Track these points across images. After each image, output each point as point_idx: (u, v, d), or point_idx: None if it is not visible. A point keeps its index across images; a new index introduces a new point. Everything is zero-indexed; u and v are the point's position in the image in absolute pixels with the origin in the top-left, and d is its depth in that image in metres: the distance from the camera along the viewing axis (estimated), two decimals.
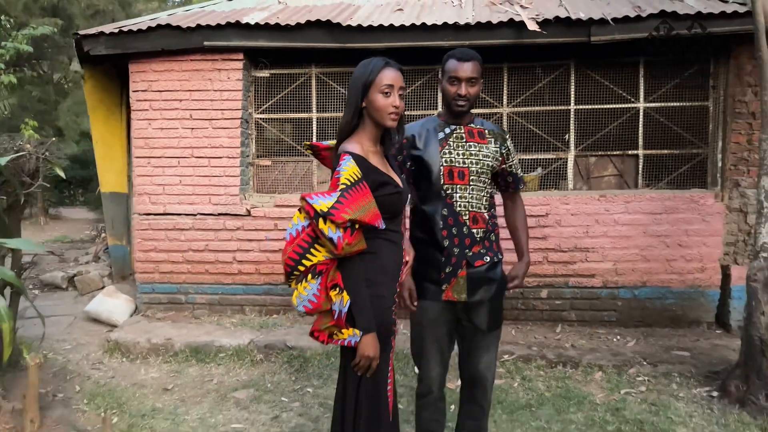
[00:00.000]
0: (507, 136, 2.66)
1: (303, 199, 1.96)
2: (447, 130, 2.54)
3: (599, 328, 4.85)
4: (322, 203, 1.91)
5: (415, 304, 2.47)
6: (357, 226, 1.94)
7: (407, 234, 2.48)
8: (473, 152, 2.52)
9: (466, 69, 2.44)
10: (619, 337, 4.67)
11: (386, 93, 2.08)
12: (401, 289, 2.39)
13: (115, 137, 6.44)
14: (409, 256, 2.28)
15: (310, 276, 1.98)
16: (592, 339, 4.63)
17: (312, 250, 1.95)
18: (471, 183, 2.50)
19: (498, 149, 2.58)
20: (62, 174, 3.65)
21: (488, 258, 2.51)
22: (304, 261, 1.96)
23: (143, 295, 5.35)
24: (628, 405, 3.56)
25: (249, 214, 5.18)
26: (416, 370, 2.66)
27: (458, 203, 2.49)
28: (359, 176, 1.97)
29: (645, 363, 4.12)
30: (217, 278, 5.25)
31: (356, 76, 2.12)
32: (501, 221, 2.65)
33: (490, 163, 2.55)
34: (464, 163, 2.50)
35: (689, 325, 4.86)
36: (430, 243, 2.48)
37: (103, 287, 6.43)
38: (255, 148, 5.39)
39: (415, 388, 2.71)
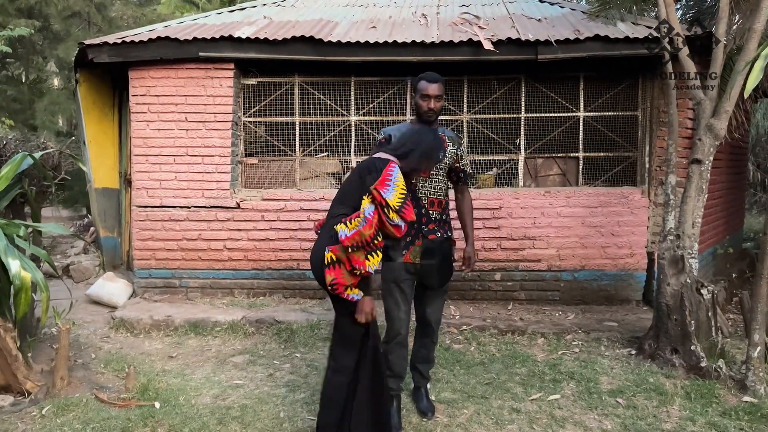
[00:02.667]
0: (462, 142, 3.49)
1: (376, 190, 2.63)
2: None
3: (544, 306, 5.63)
4: (393, 199, 2.62)
5: None
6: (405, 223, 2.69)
7: None
8: None
9: (434, 89, 3.24)
10: (561, 312, 5.44)
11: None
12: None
13: (108, 137, 6.94)
14: None
15: (378, 251, 2.66)
16: (537, 314, 5.40)
17: (380, 232, 2.66)
18: (431, 176, 3.30)
19: (455, 151, 3.38)
20: (84, 168, 4.22)
21: (440, 234, 3.32)
22: (376, 240, 2.63)
23: (140, 279, 5.91)
24: (564, 362, 4.32)
25: (238, 206, 5.79)
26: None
27: (420, 191, 3.28)
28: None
29: (580, 331, 4.91)
30: (209, 264, 5.85)
31: None
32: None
33: (448, 162, 3.35)
34: None
35: (620, 302, 5.67)
36: None
37: (96, 275, 6.95)
38: (243, 148, 6.02)
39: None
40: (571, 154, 5.87)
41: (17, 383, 3.79)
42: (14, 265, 3.47)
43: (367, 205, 2.65)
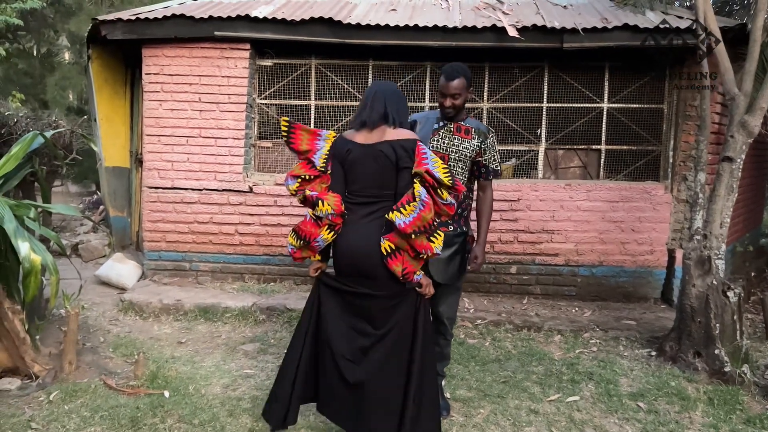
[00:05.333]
0: (490, 136, 3.30)
1: (428, 172, 2.57)
2: (441, 124, 3.27)
3: (560, 301, 5.51)
4: (444, 177, 2.56)
5: None
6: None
7: None
8: (456, 143, 3.23)
9: (451, 87, 3.14)
10: (577, 308, 5.33)
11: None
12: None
13: (119, 115, 6.83)
14: None
15: (439, 231, 2.67)
16: (553, 309, 5.29)
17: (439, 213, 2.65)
18: (449, 166, 3.15)
19: (478, 145, 3.26)
20: (95, 148, 4.12)
21: (452, 228, 3.22)
22: (435, 222, 2.63)
23: (150, 261, 5.83)
24: (581, 361, 4.21)
25: (251, 190, 5.69)
26: None
27: None
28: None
29: (598, 329, 4.80)
30: (219, 248, 5.76)
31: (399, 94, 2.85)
32: None
33: (468, 154, 3.24)
34: (446, 150, 3.23)
35: (638, 300, 5.55)
36: None
37: (105, 255, 6.88)
38: (257, 131, 5.89)
39: None
40: (593, 147, 5.71)
41: (25, 366, 3.74)
42: (24, 248, 3.37)
43: (420, 189, 2.58)
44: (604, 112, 5.63)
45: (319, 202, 2.69)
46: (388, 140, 2.68)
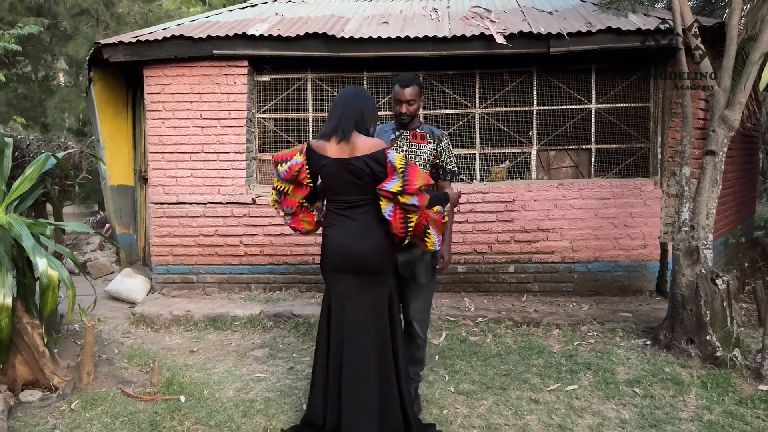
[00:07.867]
0: (444, 139, 3.45)
1: (379, 190, 2.79)
2: (397, 133, 3.44)
3: (558, 297, 5.68)
4: (394, 186, 2.75)
5: None
6: (423, 188, 2.79)
7: None
8: (414, 149, 3.40)
9: (405, 93, 3.31)
10: (574, 303, 5.49)
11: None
12: None
13: (122, 135, 7.00)
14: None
15: (427, 229, 2.87)
16: (552, 306, 5.45)
17: (408, 217, 2.82)
18: None
19: (435, 148, 3.42)
20: (104, 166, 4.29)
21: None
22: (409, 225, 2.82)
23: (158, 275, 5.99)
24: (580, 353, 4.37)
25: (254, 202, 5.86)
26: None
27: None
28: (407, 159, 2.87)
29: (595, 322, 4.96)
30: (225, 260, 5.92)
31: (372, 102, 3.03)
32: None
33: (427, 158, 3.40)
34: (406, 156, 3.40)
35: (634, 293, 5.71)
36: None
37: (112, 272, 7.05)
38: (258, 144, 6.07)
39: None
40: (584, 146, 5.89)
41: (45, 378, 3.88)
42: (41, 264, 3.54)
43: (384, 208, 2.84)
44: (593, 113, 5.82)
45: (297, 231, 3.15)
46: (361, 155, 2.82)
